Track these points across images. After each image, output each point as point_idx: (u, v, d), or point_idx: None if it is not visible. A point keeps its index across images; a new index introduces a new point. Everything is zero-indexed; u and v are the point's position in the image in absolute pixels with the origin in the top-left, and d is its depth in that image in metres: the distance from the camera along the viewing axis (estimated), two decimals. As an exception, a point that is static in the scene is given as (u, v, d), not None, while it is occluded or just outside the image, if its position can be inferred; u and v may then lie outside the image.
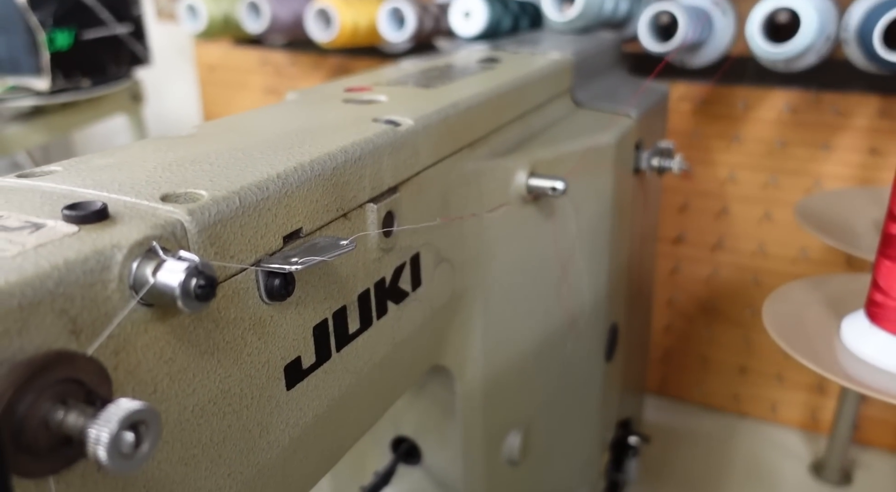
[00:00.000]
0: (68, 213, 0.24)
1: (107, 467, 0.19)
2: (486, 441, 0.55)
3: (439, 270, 0.44)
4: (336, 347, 0.35)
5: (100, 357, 0.22)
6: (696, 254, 0.98)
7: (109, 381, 0.22)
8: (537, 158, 0.50)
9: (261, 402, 0.30)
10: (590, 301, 0.60)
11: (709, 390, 1.04)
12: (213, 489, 0.28)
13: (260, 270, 0.29)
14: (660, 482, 0.89)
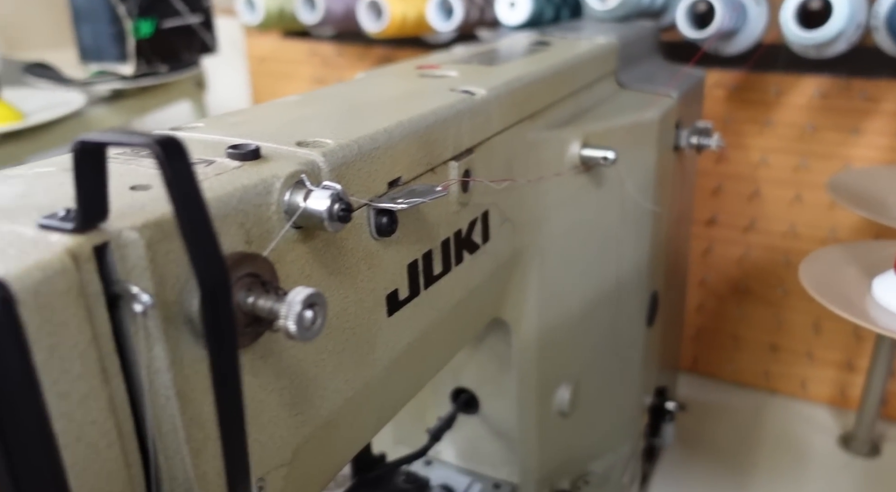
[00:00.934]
0: (231, 152, 0.29)
1: (295, 336, 0.24)
2: (539, 392, 0.60)
3: (503, 228, 0.49)
4: (424, 285, 0.40)
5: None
6: (729, 235, 1.02)
7: (277, 278, 0.27)
8: (589, 130, 0.55)
9: (368, 323, 0.36)
10: (633, 268, 0.65)
11: (740, 368, 1.08)
12: (332, 390, 0.34)
13: (373, 207, 0.34)
14: (693, 453, 0.93)
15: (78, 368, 0.21)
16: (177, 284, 0.24)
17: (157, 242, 0.23)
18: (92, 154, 0.21)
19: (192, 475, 0.26)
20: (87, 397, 0.22)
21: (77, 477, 0.22)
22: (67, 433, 0.21)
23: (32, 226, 0.22)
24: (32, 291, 0.20)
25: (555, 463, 0.65)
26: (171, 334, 0.24)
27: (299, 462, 0.33)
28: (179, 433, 0.25)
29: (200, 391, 0.26)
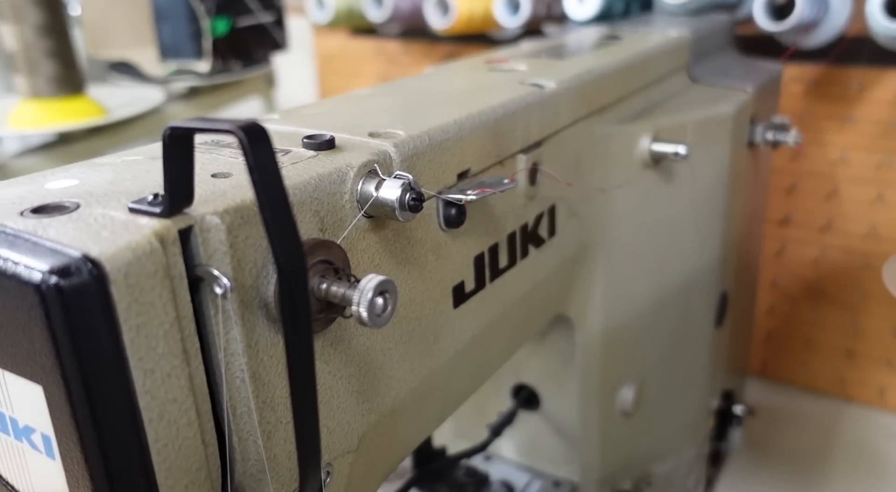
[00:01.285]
0: (307, 141, 0.30)
1: (366, 322, 0.25)
2: (602, 391, 0.59)
3: (570, 222, 0.49)
4: (489, 278, 0.40)
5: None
6: (804, 235, 0.98)
7: (349, 265, 0.28)
8: (659, 125, 0.54)
9: (434, 314, 0.36)
10: (703, 266, 0.63)
11: (813, 374, 1.04)
12: (398, 380, 0.34)
13: (442, 199, 0.34)
14: (761, 460, 0.90)
15: (162, 347, 0.22)
16: (254, 269, 0.25)
17: (238, 228, 0.24)
18: (181, 140, 0.22)
19: (263, 457, 0.27)
20: (169, 376, 0.23)
21: (158, 453, 0.23)
22: (150, 410, 0.22)
23: (123, 210, 0.23)
24: (123, 272, 0.21)
25: (617, 463, 0.64)
26: (248, 318, 0.25)
27: (364, 450, 0.33)
28: (253, 415, 0.26)
29: (274, 375, 0.27)
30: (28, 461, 0.23)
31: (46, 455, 0.23)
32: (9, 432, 0.23)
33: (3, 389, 0.23)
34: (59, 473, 0.22)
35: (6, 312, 0.21)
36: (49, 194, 0.24)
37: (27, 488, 0.24)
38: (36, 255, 0.20)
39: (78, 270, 0.20)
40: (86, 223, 0.22)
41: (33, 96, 0.69)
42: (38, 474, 0.23)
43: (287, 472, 0.28)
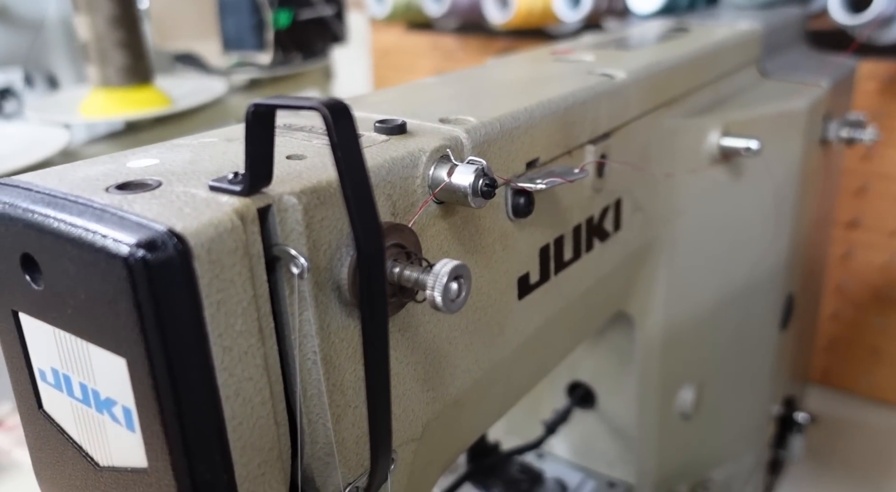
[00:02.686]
0: (379, 126, 0.30)
1: (440, 307, 0.24)
2: (661, 391, 0.58)
3: (635, 217, 0.48)
4: (554, 271, 0.39)
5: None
6: (873, 239, 0.95)
7: (421, 249, 0.27)
8: (729, 119, 0.52)
9: (500, 305, 0.35)
10: (769, 267, 0.61)
11: (878, 383, 0.99)
12: (462, 370, 0.34)
13: (511, 187, 0.33)
14: (822, 470, 0.87)
15: (240, 324, 0.22)
16: (328, 250, 0.25)
17: (314, 208, 0.24)
18: (263, 117, 0.22)
19: (332, 440, 0.27)
20: (246, 354, 0.23)
21: (234, 430, 0.23)
22: (227, 387, 0.22)
23: (204, 188, 0.23)
24: (206, 247, 0.21)
25: (673, 466, 0.63)
26: (321, 300, 0.25)
27: (427, 439, 0.33)
28: (323, 398, 0.26)
29: (344, 358, 0.26)
30: (108, 433, 0.24)
31: (127, 428, 0.23)
32: (90, 403, 0.24)
33: (86, 361, 0.23)
34: (139, 445, 0.23)
35: (93, 285, 0.21)
36: (131, 172, 0.25)
37: (106, 459, 0.24)
38: (123, 229, 0.20)
39: (164, 245, 0.20)
40: (168, 200, 0.22)
41: (104, 85, 0.71)
42: (117, 446, 0.24)
43: (354, 457, 0.28)
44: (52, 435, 0.26)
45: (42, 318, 0.24)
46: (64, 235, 0.21)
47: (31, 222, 0.22)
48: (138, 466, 0.23)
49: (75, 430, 0.25)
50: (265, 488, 0.24)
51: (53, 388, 0.25)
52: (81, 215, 0.21)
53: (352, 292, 0.25)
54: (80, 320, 0.22)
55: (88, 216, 0.21)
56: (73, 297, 0.22)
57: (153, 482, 0.23)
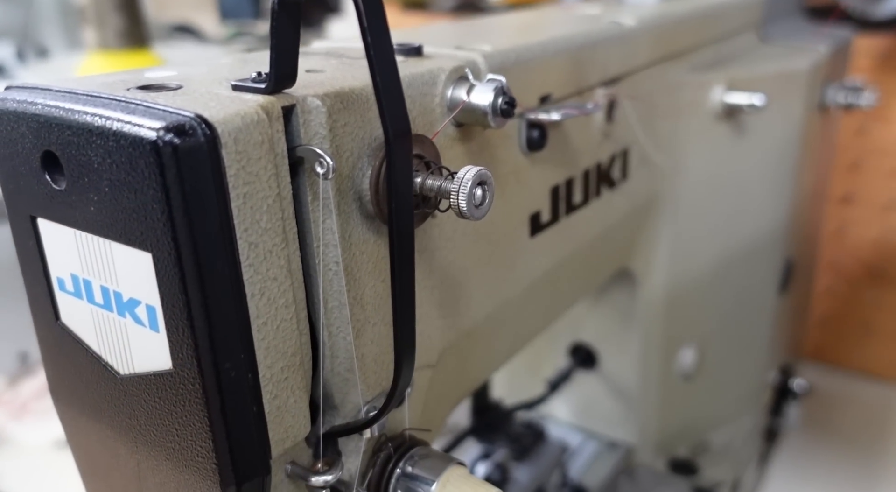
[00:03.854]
0: (397, 48, 0.30)
1: (465, 214, 0.24)
2: (663, 351, 0.58)
3: (641, 170, 0.48)
4: (565, 211, 0.39)
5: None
6: (865, 215, 0.95)
7: (441, 160, 0.27)
8: (733, 76, 0.53)
9: (512, 240, 0.35)
10: (769, 229, 0.61)
11: (870, 358, 1.01)
12: (476, 301, 0.34)
13: (525, 119, 0.33)
14: (816, 442, 0.88)
15: (265, 221, 0.22)
16: (350, 158, 0.25)
17: (337, 112, 0.24)
18: (289, 8, 0.21)
19: (353, 354, 0.27)
20: (271, 253, 0.23)
21: (258, 330, 0.23)
22: (253, 284, 0.22)
23: (227, 88, 0.23)
24: (233, 136, 0.21)
25: (674, 427, 0.63)
26: (343, 209, 0.25)
27: (441, 369, 0.33)
28: (345, 310, 0.26)
29: (364, 273, 0.26)
30: (130, 338, 0.24)
31: (150, 328, 0.23)
32: (112, 307, 0.24)
33: (109, 262, 0.23)
34: (163, 346, 0.22)
35: (119, 175, 0.21)
36: (151, 79, 0.25)
37: (127, 367, 0.24)
38: (150, 116, 0.20)
39: (192, 130, 0.20)
40: (192, 97, 0.22)
41: (102, 49, 0.70)
42: (139, 350, 0.23)
43: (373, 375, 0.28)
44: (69, 349, 0.26)
45: (62, 220, 0.23)
46: (88, 127, 0.21)
47: (53, 117, 0.22)
48: (162, 368, 0.23)
49: (95, 339, 0.25)
50: (288, 395, 0.24)
51: (72, 296, 0.25)
52: (106, 107, 0.21)
53: (374, 202, 0.25)
54: (103, 217, 0.22)
55: (114, 107, 0.21)
56: (97, 192, 0.22)
57: (178, 385, 0.23)
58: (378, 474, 0.28)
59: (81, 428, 0.28)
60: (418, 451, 0.29)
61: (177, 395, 0.23)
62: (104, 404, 0.26)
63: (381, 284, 0.27)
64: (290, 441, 0.25)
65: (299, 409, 0.25)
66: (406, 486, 0.28)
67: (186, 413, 0.23)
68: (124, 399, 0.25)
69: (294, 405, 0.25)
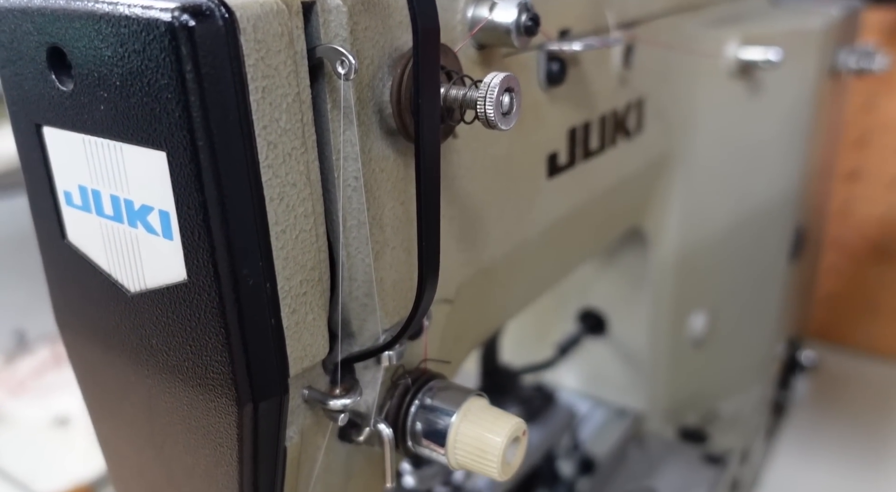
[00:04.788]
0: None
1: (493, 121, 0.23)
2: (673, 315, 0.57)
3: (656, 123, 0.47)
4: (582, 156, 0.38)
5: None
6: (871, 192, 0.95)
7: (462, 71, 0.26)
8: (747, 33, 0.52)
9: (530, 179, 0.34)
10: (781, 193, 0.60)
11: (876, 336, 1.00)
12: (494, 238, 0.33)
13: (546, 52, 0.32)
14: (822, 424, 0.87)
15: (284, 121, 0.21)
16: (370, 66, 0.24)
17: (358, 14, 0.23)
18: None
19: (372, 277, 0.25)
20: (290, 156, 0.22)
21: (277, 238, 0.22)
22: (272, 187, 0.21)
23: (243, -17, 0.22)
24: (253, 23, 0.19)
25: (683, 394, 0.62)
26: (363, 120, 0.24)
27: (459, 306, 0.32)
28: (363, 229, 0.25)
29: (384, 192, 0.25)
30: (141, 250, 0.22)
31: (163, 236, 0.22)
32: (122, 218, 0.22)
33: (119, 168, 0.22)
34: (177, 254, 0.21)
35: (130, 65, 0.20)
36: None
37: (138, 283, 0.23)
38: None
39: (210, 12, 0.19)
40: (208, -9, 0.21)
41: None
42: (151, 263, 0.22)
43: (392, 301, 0.27)
44: (76, 270, 0.25)
45: (70, 126, 0.22)
46: (97, 14, 0.20)
47: (59, 9, 0.21)
48: (176, 280, 0.22)
49: (104, 256, 0.24)
50: (306, 311, 0.23)
51: (80, 210, 0.24)
52: (117, -6, 0.20)
53: (396, 113, 0.24)
54: (113, 117, 0.21)
55: (124, -5, 0.20)
56: (107, 88, 0.20)
57: (193, 297, 0.22)
58: (396, 405, 0.27)
59: (89, 356, 0.27)
60: (437, 383, 0.28)
61: (191, 308, 0.22)
62: (113, 328, 0.25)
63: (400, 206, 0.26)
64: (309, 361, 0.24)
65: (318, 328, 0.24)
66: (425, 418, 0.27)
67: (202, 328, 0.22)
68: (135, 320, 0.24)
69: (312, 323, 0.24)
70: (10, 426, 0.86)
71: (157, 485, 0.27)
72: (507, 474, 0.26)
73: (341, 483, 0.29)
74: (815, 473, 0.77)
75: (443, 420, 0.27)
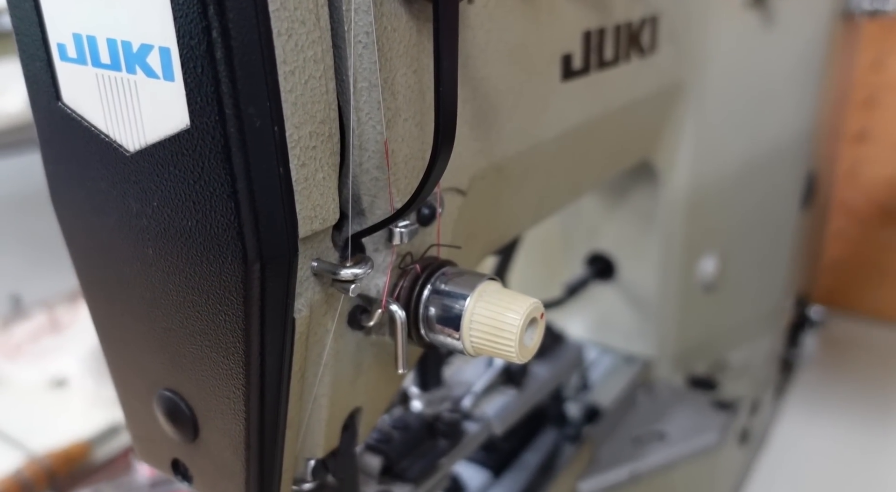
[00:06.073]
0: None
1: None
2: (684, 257, 0.56)
3: (669, 47, 0.46)
4: (596, 64, 0.37)
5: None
6: (880, 153, 0.94)
7: None
8: (762, -40, 0.50)
9: (544, 79, 0.33)
10: (793, 136, 0.59)
11: (883, 301, 0.99)
12: (508, 133, 0.31)
13: (561, -63, 0.31)
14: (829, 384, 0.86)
15: (294, -50, 0.20)
16: (384, -87, 0.22)
17: None
18: None
19: (383, 146, 0.24)
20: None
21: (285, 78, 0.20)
22: (279, 20, 0.20)
23: None
24: None
25: (693, 341, 0.61)
26: (375, -30, 0.22)
27: (471, 201, 0.31)
28: (374, 92, 0.24)
29: (396, 55, 0.24)
30: (140, 99, 0.21)
31: (164, 78, 0.20)
32: (120, 65, 0.21)
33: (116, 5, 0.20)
34: (179, 97, 0.20)
35: None
36: None
37: (137, 140, 0.22)
38: None
39: None
40: None
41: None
42: (151, 112, 0.21)
43: (403, 178, 0.26)
44: (72, 135, 0.24)
45: (64, -35, 0.21)
46: None
47: None
48: (178, 129, 0.21)
49: (101, 115, 0.22)
50: (316, 167, 0.22)
51: (75, 63, 0.22)
52: None
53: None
54: (111, -54, 0.19)
55: None
56: (105, -88, 0.19)
57: (196, 145, 0.20)
58: (408, 290, 0.26)
59: (87, 235, 0.25)
60: (449, 269, 0.27)
61: (195, 158, 0.21)
62: (112, 197, 0.23)
63: (413, 75, 0.25)
64: (319, 223, 0.22)
65: (328, 188, 0.23)
66: (439, 303, 0.26)
67: (206, 179, 0.21)
68: (135, 183, 0.23)
69: (322, 182, 0.22)
70: (6, 388, 0.84)
71: (157, 374, 0.26)
72: (525, 357, 0.25)
73: (350, 377, 0.28)
74: (823, 430, 0.76)
75: (457, 304, 0.26)
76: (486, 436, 0.41)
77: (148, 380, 0.27)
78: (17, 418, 0.80)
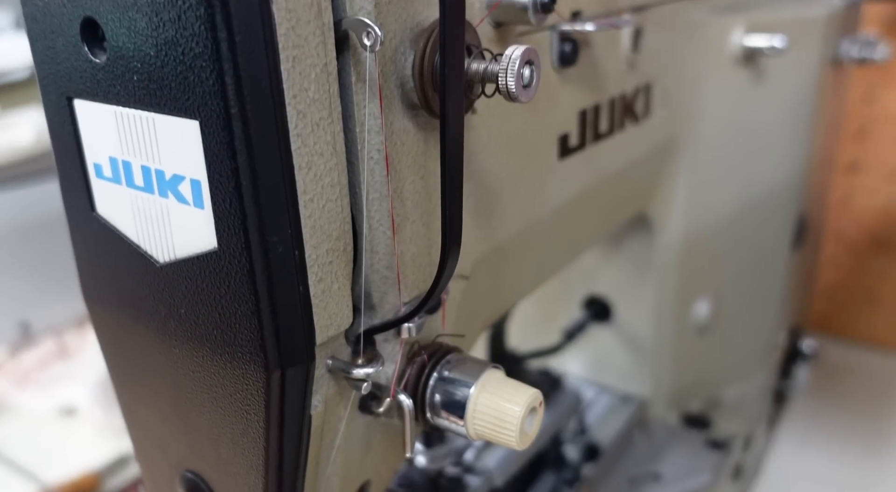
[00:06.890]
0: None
1: (514, 94, 0.24)
2: (678, 301, 0.58)
3: (662, 109, 0.47)
4: (592, 138, 0.39)
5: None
6: (871, 183, 0.96)
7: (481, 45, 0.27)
8: (753, 20, 0.52)
9: (543, 159, 0.35)
10: (785, 181, 0.61)
11: (876, 328, 1.01)
12: (508, 216, 0.33)
13: (558, 32, 0.33)
14: (823, 414, 0.88)
15: (313, 91, 0.22)
16: (393, 41, 0.24)
17: (384, -11, 0.23)
18: None
19: (392, 250, 0.26)
20: (318, 126, 0.22)
21: (305, 206, 0.22)
22: (301, 156, 0.22)
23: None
24: (285, -7, 0.20)
25: (687, 380, 0.63)
26: (385, 94, 0.24)
27: (474, 283, 0.32)
28: (385, 202, 0.25)
29: (405, 165, 0.26)
30: (171, 220, 0.23)
31: (194, 205, 0.22)
32: (153, 188, 0.23)
33: (151, 139, 0.22)
34: (208, 223, 0.22)
35: (165, 35, 0.20)
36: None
37: (167, 254, 0.24)
38: (199, -30, 0.20)
39: (244, -17, 0.19)
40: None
41: None
42: (181, 233, 0.23)
43: (411, 275, 0.27)
44: (104, 242, 0.25)
45: (102, 98, 0.23)
46: (134, -14, 0.20)
47: (95, -18, 0.21)
48: (206, 249, 0.22)
49: (133, 228, 0.24)
50: (332, 280, 0.24)
51: (110, 182, 0.24)
52: (151, -33, 0.20)
53: (418, 87, 0.25)
54: (146, 87, 0.21)
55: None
56: (140, 59, 0.21)
57: (223, 264, 0.22)
58: (415, 377, 0.28)
59: (115, 329, 0.27)
60: (454, 356, 0.29)
61: (221, 276, 0.22)
62: (141, 299, 0.25)
63: (420, 180, 0.27)
64: (334, 329, 0.24)
65: (342, 297, 0.24)
66: (444, 389, 0.28)
67: (231, 295, 0.22)
68: (163, 290, 0.24)
69: (338, 292, 0.24)
70: (16, 417, 0.86)
71: (180, 456, 0.28)
72: (524, 444, 0.27)
73: (360, 455, 0.29)
74: (816, 460, 0.77)
75: (461, 391, 0.27)
76: (487, 489, 0.43)
77: (171, 461, 0.28)
78: (28, 447, 0.81)
